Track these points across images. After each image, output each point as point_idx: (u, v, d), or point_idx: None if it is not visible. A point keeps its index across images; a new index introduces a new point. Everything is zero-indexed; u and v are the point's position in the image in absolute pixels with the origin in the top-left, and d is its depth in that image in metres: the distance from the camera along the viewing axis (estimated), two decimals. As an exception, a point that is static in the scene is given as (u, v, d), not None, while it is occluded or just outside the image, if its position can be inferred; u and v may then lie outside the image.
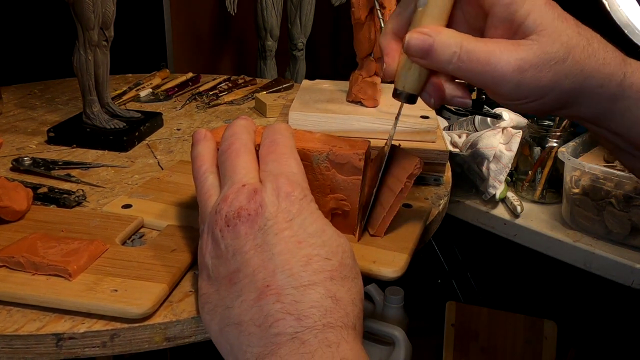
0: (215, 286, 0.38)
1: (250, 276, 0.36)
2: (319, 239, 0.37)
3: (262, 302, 0.34)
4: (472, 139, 1.06)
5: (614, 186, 0.92)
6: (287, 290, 0.34)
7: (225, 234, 0.37)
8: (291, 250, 0.36)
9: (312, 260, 0.36)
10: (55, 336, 0.40)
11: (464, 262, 1.53)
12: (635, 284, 0.92)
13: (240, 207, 0.37)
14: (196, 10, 1.44)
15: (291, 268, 0.35)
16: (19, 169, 0.68)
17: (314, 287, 0.35)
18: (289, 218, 0.37)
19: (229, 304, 0.36)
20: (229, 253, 0.37)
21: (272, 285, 0.35)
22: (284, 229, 0.37)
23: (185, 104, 0.99)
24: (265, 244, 0.36)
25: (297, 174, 0.41)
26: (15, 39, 1.12)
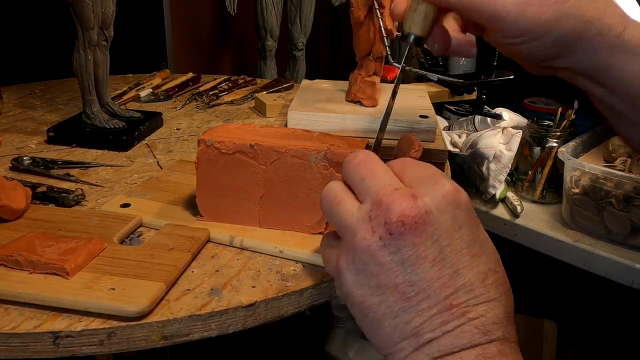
0: (377, 296, 0.35)
1: (429, 291, 0.34)
2: (486, 249, 0.36)
3: (446, 317, 0.34)
4: (472, 139, 1.06)
5: (614, 186, 0.92)
6: (470, 307, 0.34)
7: (387, 242, 0.34)
8: (469, 265, 0.34)
9: (488, 275, 0.35)
10: (53, 334, 0.40)
11: (464, 262, 1.53)
12: (635, 284, 0.92)
13: (403, 214, 0.34)
14: (196, 10, 1.44)
15: (472, 284, 0.34)
16: (19, 168, 0.68)
17: (494, 303, 0.34)
18: (458, 226, 0.35)
19: (405, 318, 0.34)
20: (394, 263, 0.34)
21: (455, 304, 0.34)
22: (455, 238, 0.34)
23: (186, 104, 0.99)
24: (442, 259, 0.34)
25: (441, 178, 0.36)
26: (15, 39, 1.12)
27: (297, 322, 1.33)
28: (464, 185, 1.23)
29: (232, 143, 0.52)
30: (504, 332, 0.34)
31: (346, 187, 0.38)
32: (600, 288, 1.09)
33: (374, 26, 0.69)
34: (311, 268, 0.50)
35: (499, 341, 0.34)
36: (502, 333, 0.34)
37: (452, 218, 0.34)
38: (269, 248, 0.52)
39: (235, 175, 0.53)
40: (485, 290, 0.34)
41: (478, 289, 0.34)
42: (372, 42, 0.70)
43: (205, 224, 0.54)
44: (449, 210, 0.34)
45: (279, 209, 0.53)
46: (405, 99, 0.77)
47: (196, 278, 0.48)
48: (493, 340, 0.33)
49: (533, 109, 1.44)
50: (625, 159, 1.03)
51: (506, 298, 0.35)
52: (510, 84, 1.43)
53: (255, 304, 0.45)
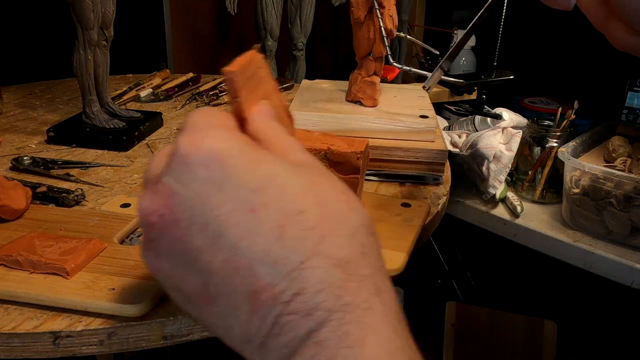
0: (195, 310, 0.28)
1: (225, 286, 0.26)
2: (271, 191, 0.26)
3: (260, 311, 0.25)
4: (472, 139, 1.06)
5: (614, 186, 0.92)
6: (279, 285, 0.25)
7: (156, 250, 0.28)
8: (248, 227, 0.25)
9: (284, 227, 0.25)
10: (53, 334, 0.40)
11: (464, 262, 1.53)
12: (635, 284, 0.92)
13: (145, 214, 0.27)
14: (196, 10, 1.44)
15: (267, 252, 0.25)
16: (19, 168, 0.68)
17: (310, 262, 0.25)
18: (216, 185, 0.26)
19: (225, 325, 0.27)
20: (177, 270, 0.27)
21: (258, 287, 0.25)
22: (218, 204, 0.26)
23: (186, 104, 0.99)
24: (212, 238, 0.26)
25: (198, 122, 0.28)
26: (15, 39, 1.12)
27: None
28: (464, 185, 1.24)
29: (232, 143, 0.52)
30: (338, 298, 0.25)
31: None
32: (600, 288, 1.09)
33: (374, 26, 0.69)
34: (311, 268, 0.50)
35: (337, 318, 0.24)
36: (336, 300, 0.25)
37: (201, 182, 0.26)
38: (269, 248, 0.52)
39: (235, 175, 0.53)
40: (288, 251, 0.25)
41: (277, 254, 0.25)
42: (372, 42, 0.70)
43: (205, 224, 0.54)
44: (196, 174, 0.26)
45: (279, 209, 0.53)
46: (405, 99, 0.77)
47: (196, 278, 0.48)
48: (324, 321, 0.24)
49: (533, 109, 1.44)
50: (625, 159, 1.03)
51: (328, 242, 0.26)
52: (510, 84, 1.43)
53: (255, 304, 0.45)
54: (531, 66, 1.57)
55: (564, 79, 1.51)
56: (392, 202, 0.61)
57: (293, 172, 0.27)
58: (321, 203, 0.26)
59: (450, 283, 1.51)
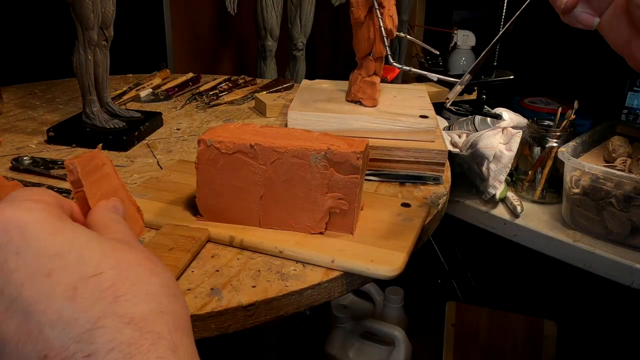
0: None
1: (16, 354, 0.25)
2: (71, 256, 0.26)
3: None
4: (472, 139, 1.06)
5: (614, 186, 0.92)
6: (70, 347, 0.24)
7: None
8: (44, 291, 0.25)
9: (78, 288, 0.25)
10: (53, 334, 0.40)
11: (464, 262, 1.53)
12: (635, 284, 0.92)
13: None
14: (196, 10, 1.44)
15: (59, 314, 0.25)
16: (19, 168, 0.68)
17: (101, 321, 0.25)
18: (14, 251, 0.26)
19: None
20: None
21: (49, 352, 0.24)
22: (16, 269, 0.26)
23: (186, 104, 0.99)
24: (7, 304, 0.25)
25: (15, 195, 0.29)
26: (15, 39, 1.12)
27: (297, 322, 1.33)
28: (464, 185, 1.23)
29: (232, 143, 0.52)
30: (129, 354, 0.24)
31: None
32: (600, 288, 1.09)
33: (374, 26, 0.69)
34: (311, 268, 0.50)
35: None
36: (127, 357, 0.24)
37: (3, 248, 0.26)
38: (269, 248, 0.52)
39: (235, 175, 0.53)
40: (81, 313, 0.25)
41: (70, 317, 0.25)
42: (372, 42, 0.70)
43: (205, 224, 0.54)
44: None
45: (279, 209, 0.53)
46: (405, 99, 0.77)
47: (196, 278, 0.48)
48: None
49: (533, 109, 1.44)
50: (625, 159, 1.03)
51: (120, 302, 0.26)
52: (510, 84, 1.43)
53: (255, 304, 0.45)
54: (531, 66, 1.57)
55: (564, 79, 1.51)
56: (392, 202, 0.61)
57: (96, 239, 0.28)
58: (120, 267, 0.27)
59: (450, 283, 1.51)
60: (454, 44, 1.53)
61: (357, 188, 0.52)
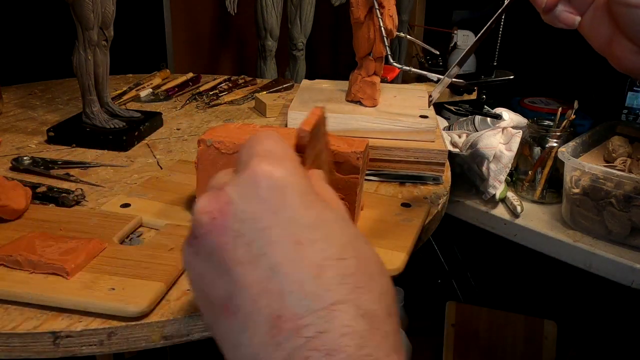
0: (212, 316, 0.28)
1: (250, 303, 0.26)
2: (321, 231, 0.27)
3: (278, 338, 0.25)
4: (472, 139, 1.06)
5: (614, 186, 0.92)
6: (305, 318, 0.25)
7: (197, 248, 0.28)
8: (291, 257, 0.26)
9: (324, 266, 0.26)
10: (53, 334, 0.40)
11: (464, 262, 1.53)
12: (635, 284, 0.92)
13: (202, 210, 0.28)
14: (196, 10, 1.44)
15: (301, 285, 0.26)
16: (19, 168, 0.68)
17: (339, 305, 0.25)
18: (272, 210, 0.27)
19: (235, 341, 0.27)
20: (209, 272, 0.28)
21: (284, 314, 0.25)
22: (268, 226, 0.27)
23: (186, 104, 0.99)
24: (257, 256, 0.26)
25: (274, 150, 0.30)
26: (15, 39, 1.12)
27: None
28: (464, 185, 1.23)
29: (232, 143, 0.52)
30: (360, 346, 0.25)
31: None
32: (600, 288, 1.09)
33: (374, 26, 0.69)
34: (311, 268, 0.50)
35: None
36: (358, 348, 0.24)
37: (261, 202, 0.27)
38: (269, 248, 0.52)
39: (235, 175, 0.53)
40: (323, 290, 0.25)
41: (312, 291, 0.25)
42: (372, 42, 0.70)
43: (205, 224, 0.54)
44: (253, 196, 0.27)
45: (279, 209, 0.53)
46: (405, 99, 0.77)
47: (196, 278, 0.48)
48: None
49: (533, 109, 1.44)
50: (625, 159, 1.03)
51: (361, 293, 0.26)
52: (510, 84, 1.43)
53: (255, 304, 0.45)
54: (531, 66, 1.57)
55: (564, 79, 1.51)
56: (392, 202, 0.61)
57: (342, 223, 0.29)
58: (360, 258, 0.27)
59: (450, 283, 1.51)
60: (454, 44, 1.53)
61: (357, 188, 0.52)
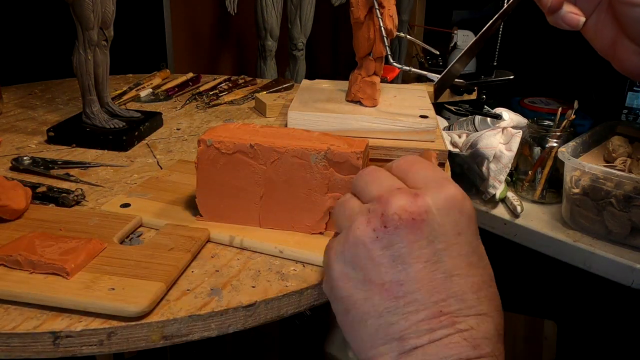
0: (363, 292, 0.33)
1: (417, 294, 0.32)
2: (482, 261, 0.34)
3: (434, 325, 0.31)
4: (472, 139, 1.06)
5: (614, 186, 0.92)
6: (461, 317, 0.32)
7: (381, 235, 0.33)
8: (464, 273, 0.32)
9: (482, 287, 0.33)
10: (53, 334, 0.40)
11: (464, 262, 1.53)
12: (635, 284, 0.92)
13: (402, 208, 0.32)
14: (196, 10, 1.44)
15: (464, 294, 0.32)
16: (19, 168, 0.68)
17: (486, 317, 0.32)
18: (458, 231, 0.33)
19: (390, 319, 0.32)
20: (385, 258, 0.33)
21: (445, 311, 0.32)
22: (453, 243, 0.33)
23: (186, 104, 0.99)
24: (437, 261, 0.32)
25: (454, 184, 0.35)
26: (15, 39, 1.12)
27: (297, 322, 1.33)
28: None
29: (232, 143, 0.52)
30: (493, 349, 0.32)
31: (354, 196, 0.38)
32: (600, 288, 1.09)
33: (374, 26, 0.69)
34: (311, 268, 0.50)
35: (488, 358, 0.31)
36: (492, 350, 0.32)
37: (452, 222, 0.33)
38: (269, 248, 0.52)
39: (235, 175, 0.53)
40: (477, 303, 0.32)
41: (470, 300, 0.32)
42: (372, 42, 0.70)
43: (205, 224, 0.54)
44: (450, 214, 0.33)
45: (279, 209, 0.53)
46: (405, 99, 0.77)
47: (196, 278, 0.48)
48: (482, 356, 0.31)
49: (533, 109, 1.44)
50: (625, 159, 1.03)
51: (498, 315, 0.33)
52: (510, 84, 1.43)
53: (255, 304, 0.45)
54: (531, 66, 1.57)
55: (564, 79, 1.51)
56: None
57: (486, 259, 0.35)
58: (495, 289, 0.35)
59: (450, 283, 1.51)
60: (454, 44, 1.53)
61: (357, 188, 0.52)
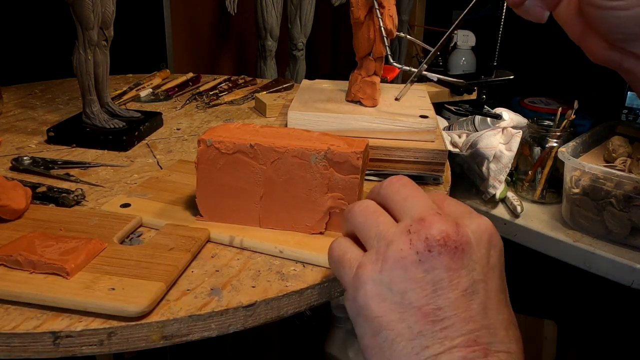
0: (399, 313, 0.33)
1: (454, 319, 0.32)
2: (508, 300, 0.35)
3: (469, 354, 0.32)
4: (472, 139, 1.06)
5: (614, 186, 0.92)
6: (493, 352, 0.32)
7: (424, 258, 0.33)
8: (496, 308, 0.33)
9: (510, 326, 0.34)
10: (53, 334, 0.40)
11: (464, 262, 1.53)
12: (635, 284, 0.92)
13: (447, 235, 0.33)
14: (196, 10, 1.44)
15: (496, 329, 0.33)
16: (19, 168, 0.68)
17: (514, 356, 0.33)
18: (492, 266, 0.34)
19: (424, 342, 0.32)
20: (425, 282, 0.33)
21: (480, 342, 0.32)
22: (488, 277, 0.34)
23: (186, 104, 0.99)
24: (474, 292, 0.33)
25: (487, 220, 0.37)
26: (15, 39, 1.12)
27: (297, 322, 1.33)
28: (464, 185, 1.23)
29: (232, 143, 0.52)
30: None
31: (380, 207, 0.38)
32: (600, 288, 1.09)
33: (374, 26, 0.69)
34: (311, 268, 0.50)
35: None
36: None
37: (487, 256, 0.34)
38: (269, 248, 0.52)
39: (235, 175, 0.53)
40: (507, 340, 0.33)
41: (501, 336, 0.33)
42: (372, 42, 0.70)
43: (205, 224, 0.54)
44: (486, 247, 0.34)
45: (279, 209, 0.53)
46: (405, 99, 0.77)
47: (196, 278, 0.48)
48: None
49: (533, 109, 1.44)
50: (625, 159, 1.03)
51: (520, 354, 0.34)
52: (510, 84, 1.43)
53: (255, 304, 0.45)
54: (531, 66, 1.57)
55: (564, 79, 1.51)
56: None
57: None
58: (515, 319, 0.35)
59: (450, 283, 1.51)
60: (454, 44, 1.53)
61: (357, 188, 0.52)
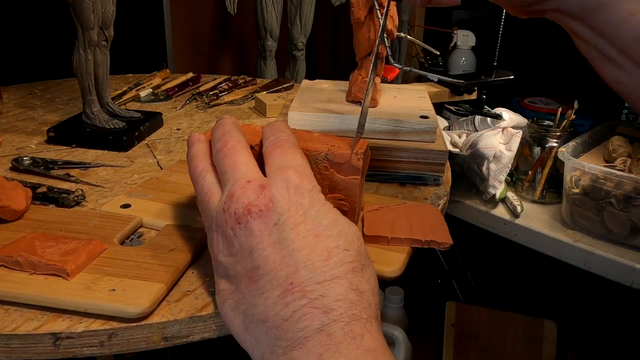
0: (234, 284, 0.38)
1: (271, 273, 0.35)
2: (335, 229, 0.37)
3: (288, 298, 0.34)
4: (472, 139, 1.06)
5: (614, 186, 0.92)
6: (311, 286, 0.34)
7: (237, 231, 0.37)
8: (310, 244, 0.36)
9: (332, 253, 0.36)
10: (53, 335, 0.40)
11: (464, 262, 1.53)
12: (635, 284, 0.92)
13: (250, 203, 0.37)
14: (196, 10, 1.44)
15: (313, 263, 0.35)
16: (19, 168, 0.68)
17: (338, 280, 0.35)
18: (302, 211, 0.37)
19: (253, 301, 0.36)
20: (244, 251, 0.37)
21: (295, 282, 0.35)
22: (298, 222, 0.36)
23: (186, 104, 0.99)
24: (283, 240, 0.36)
25: (304, 166, 0.40)
26: (15, 39, 1.12)
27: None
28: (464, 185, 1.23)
29: (232, 144, 0.52)
30: (350, 308, 0.34)
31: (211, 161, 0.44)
32: (600, 288, 1.09)
33: (374, 26, 0.69)
34: (311, 269, 0.50)
35: (345, 320, 0.33)
36: (348, 310, 0.34)
37: (295, 205, 0.37)
38: (269, 249, 0.52)
39: (236, 175, 0.53)
40: (327, 269, 0.35)
41: (319, 268, 0.35)
42: (372, 42, 0.70)
43: (205, 225, 0.54)
44: (292, 198, 0.37)
45: (279, 210, 0.53)
46: (405, 99, 0.77)
47: (197, 279, 0.48)
48: (335, 319, 0.33)
49: (533, 109, 1.44)
50: (625, 159, 1.03)
51: (355, 275, 0.35)
52: (510, 84, 1.43)
53: (256, 304, 0.45)
54: (531, 66, 1.57)
55: (564, 79, 1.51)
56: (393, 202, 0.61)
57: (349, 225, 0.38)
58: (360, 251, 0.37)
59: (450, 283, 1.51)
60: (454, 44, 1.53)
61: (357, 189, 0.52)
